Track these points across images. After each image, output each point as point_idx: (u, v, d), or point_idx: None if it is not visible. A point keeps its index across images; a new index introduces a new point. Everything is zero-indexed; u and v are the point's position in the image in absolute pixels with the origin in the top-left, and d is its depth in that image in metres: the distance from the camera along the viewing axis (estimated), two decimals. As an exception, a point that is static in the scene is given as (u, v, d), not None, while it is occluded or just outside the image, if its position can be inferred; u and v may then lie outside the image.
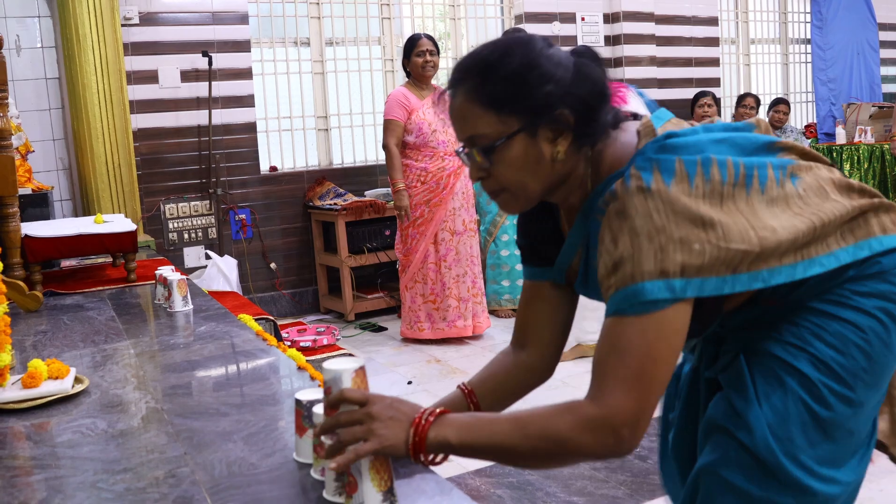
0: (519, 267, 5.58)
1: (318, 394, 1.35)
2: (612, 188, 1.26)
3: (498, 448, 1.23)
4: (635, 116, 1.42)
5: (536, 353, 1.55)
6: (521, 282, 5.56)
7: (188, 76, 5.57)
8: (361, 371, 1.21)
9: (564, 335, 1.56)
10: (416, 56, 4.87)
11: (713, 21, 7.86)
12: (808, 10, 8.75)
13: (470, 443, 1.22)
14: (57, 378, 1.85)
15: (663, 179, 1.22)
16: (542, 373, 1.57)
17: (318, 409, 1.28)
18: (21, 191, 3.36)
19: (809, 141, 8.08)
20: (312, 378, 1.92)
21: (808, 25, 8.79)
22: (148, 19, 5.43)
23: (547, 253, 1.51)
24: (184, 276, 2.82)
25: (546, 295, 1.53)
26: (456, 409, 1.48)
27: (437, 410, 1.24)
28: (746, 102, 7.14)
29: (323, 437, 1.20)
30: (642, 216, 1.20)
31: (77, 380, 1.91)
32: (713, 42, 7.88)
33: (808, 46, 8.84)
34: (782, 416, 1.32)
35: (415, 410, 1.24)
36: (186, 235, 5.66)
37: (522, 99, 1.29)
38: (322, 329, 5.21)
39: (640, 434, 1.20)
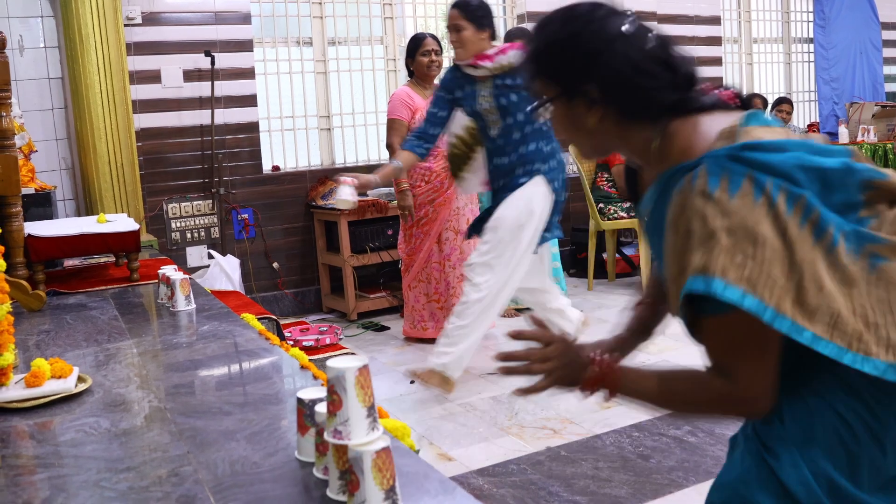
0: (521, 266, 5.57)
1: (320, 392, 1.36)
2: (681, 183, 1.28)
3: (653, 400, 1.38)
4: (745, 106, 1.42)
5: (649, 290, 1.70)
6: (523, 281, 5.58)
7: (191, 76, 5.57)
8: (364, 369, 1.21)
9: None
10: (422, 56, 4.87)
11: (716, 20, 7.85)
12: (811, 9, 8.74)
13: (632, 391, 1.38)
14: (60, 377, 1.86)
15: (729, 190, 1.22)
16: (655, 308, 1.68)
17: (321, 409, 1.28)
18: (24, 190, 3.37)
19: (812, 140, 8.06)
20: (315, 377, 1.92)
21: (811, 25, 8.78)
22: (150, 19, 5.43)
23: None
24: (187, 276, 2.82)
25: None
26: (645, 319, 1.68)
27: (607, 361, 1.38)
28: (754, 104, 7.12)
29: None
30: (699, 219, 1.23)
31: (80, 379, 1.91)
32: (716, 41, 7.87)
33: (811, 45, 8.82)
34: (808, 438, 1.29)
35: (587, 355, 1.40)
36: (189, 235, 5.67)
37: (556, 70, 1.41)
38: (324, 328, 5.21)
39: (773, 398, 1.29)
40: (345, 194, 3.53)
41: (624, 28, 1.37)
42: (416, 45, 4.91)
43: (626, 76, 1.35)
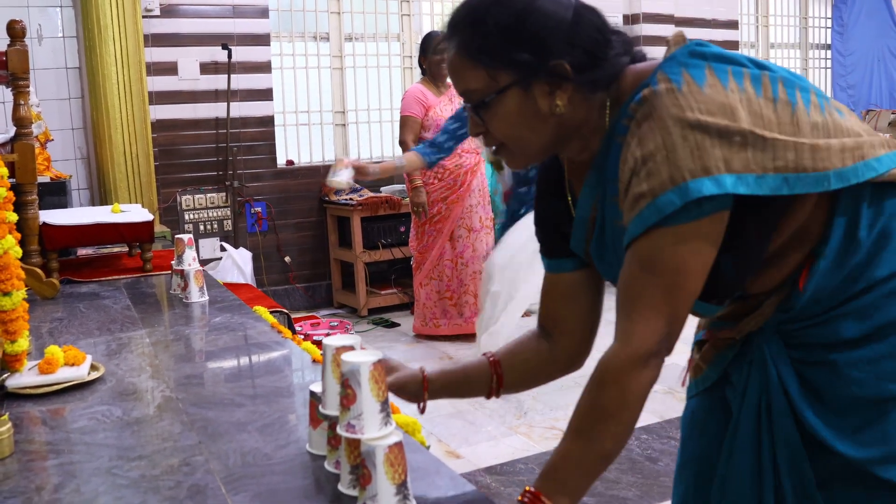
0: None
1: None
2: (637, 97, 1.17)
3: (588, 470, 1.18)
4: None
5: (562, 343, 1.45)
6: (534, 281, 5.59)
7: (207, 69, 5.58)
8: (379, 364, 1.21)
9: (592, 323, 1.44)
10: (434, 54, 4.87)
11: (733, 24, 7.83)
12: (829, 15, 8.70)
13: (577, 487, 1.17)
14: (73, 365, 1.86)
15: (694, 80, 1.12)
16: (570, 363, 1.45)
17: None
18: (40, 179, 3.38)
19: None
20: (327, 371, 1.92)
21: (829, 31, 8.75)
22: (169, 11, 5.44)
23: (564, 237, 1.40)
24: (201, 267, 2.83)
25: (566, 286, 1.43)
26: (478, 375, 1.45)
27: (533, 490, 1.15)
28: None
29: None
30: (673, 116, 1.10)
31: (93, 367, 1.92)
32: (733, 46, 7.84)
33: (829, 52, 8.79)
34: None
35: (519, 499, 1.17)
36: (202, 227, 5.68)
37: (512, 52, 1.19)
38: (335, 323, 5.23)
39: (675, 340, 1.16)
40: (344, 176, 3.54)
41: None
42: (429, 43, 4.91)
43: (594, 45, 1.20)
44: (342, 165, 3.54)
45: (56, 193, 3.88)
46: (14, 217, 1.88)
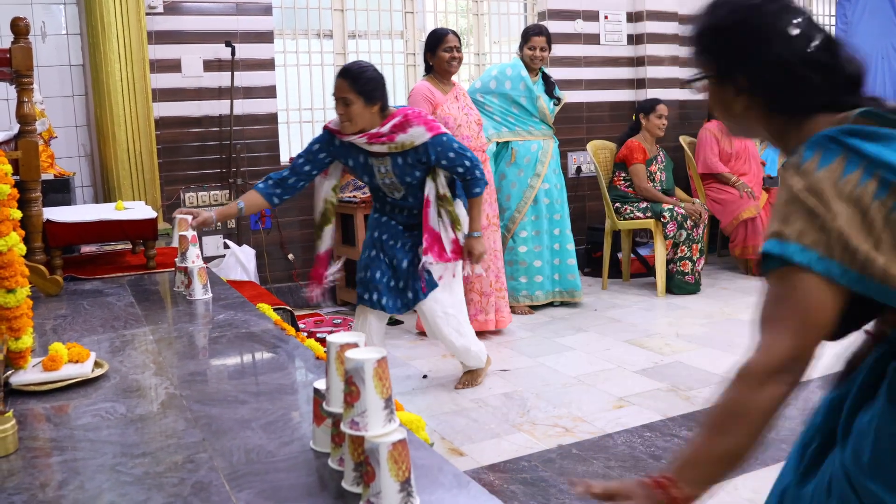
0: (537, 263, 5.57)
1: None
2: (794, 152, 1.33)
3: (717, 462, 1.27)
4: None
5: None
6: (538, 278, 5.58)
7: (211, 66, 5.58)
8: (383, 361, 1.21)
9: None
10: (444, 51, 4.84)
11: (737, 22, 7.80)
12: (833, 13, 8.69)
13: (703, 478, 1.27)
14: (77, 362, 1.87)
15: (819, 162, 1.25)
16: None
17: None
18: (43, 176, 3.38)
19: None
20: (330, 368, 1.92)
21: (833, 28, 8.73)
22: (172, 8, 5.44)
23: None
24: (204, 265, 2.83)
25: None
26: None
27: (668, 475, 1.28)
28: None
29: None
30: (786, 188, 1.27)
31: (97, 364, 1.92)
32: (737, 43, 7.82)
33: (833, 49, 8.76)
34: None
35: (646, 485, 1.28)
36: (205, 224, 5.68)
37: (714, 52, 1.45)
38: (339, 321, 5.23)
39: (803, 363, 1.24)
40: (188, 236, 3.10)
41: (789, 27, 1.37)
42: (438, 41, 4.87)
43: (776, 74, 1.37)
44: (185, 227, 3.17)
45: (60, 191, 3.89)
46: (18, 214, 1.89)
